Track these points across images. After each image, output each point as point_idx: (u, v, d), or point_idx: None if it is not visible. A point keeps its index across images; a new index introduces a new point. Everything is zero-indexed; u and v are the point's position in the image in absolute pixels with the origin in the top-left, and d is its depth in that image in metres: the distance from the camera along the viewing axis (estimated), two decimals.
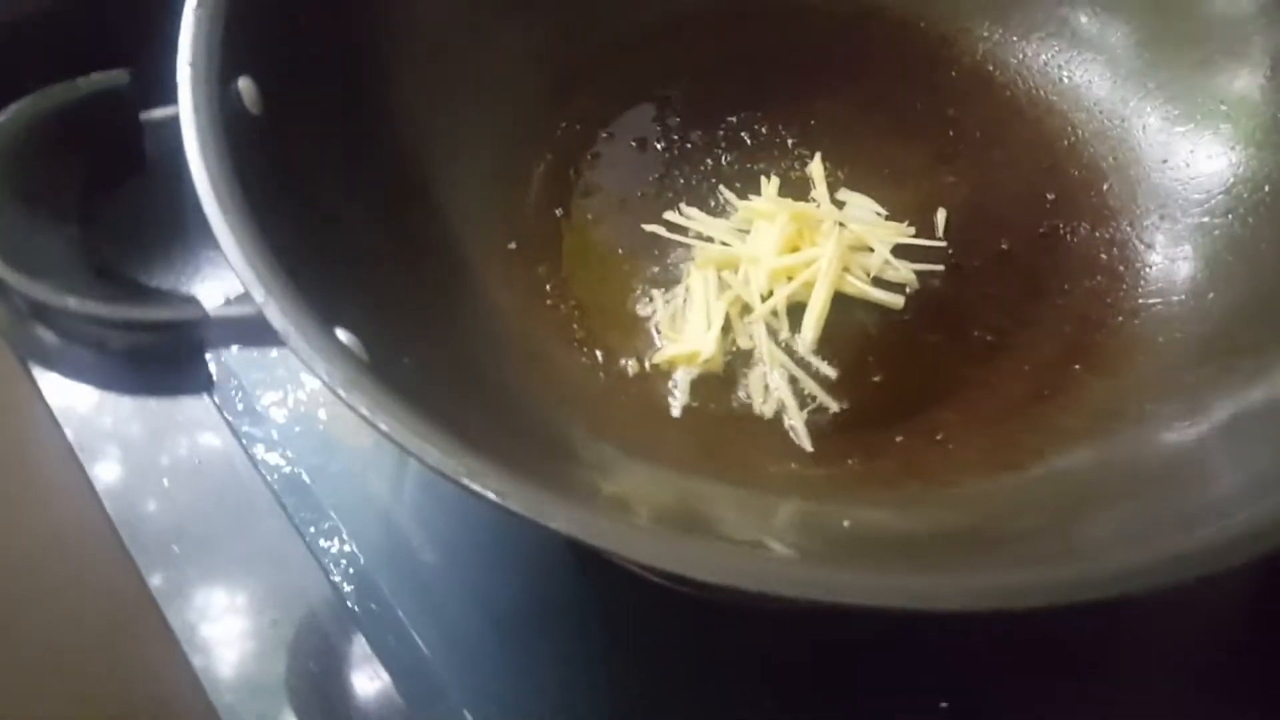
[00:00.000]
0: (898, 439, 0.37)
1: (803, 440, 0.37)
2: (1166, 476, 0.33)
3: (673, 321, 0.40)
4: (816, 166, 0.44)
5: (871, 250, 0.41)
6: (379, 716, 0.38)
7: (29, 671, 0.41)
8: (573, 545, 0.40)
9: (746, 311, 0.40)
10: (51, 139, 0.29)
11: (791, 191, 0.43)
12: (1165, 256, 0.40)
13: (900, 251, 0.41)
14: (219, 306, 0.27)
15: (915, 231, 0.42)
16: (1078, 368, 0.38)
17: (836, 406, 0.38)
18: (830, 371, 0.39)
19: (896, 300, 0.40)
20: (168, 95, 0.31)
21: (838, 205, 0.43)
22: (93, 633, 0.41)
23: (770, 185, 0.43)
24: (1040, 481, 0.34)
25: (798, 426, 0.37)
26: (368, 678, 0.38)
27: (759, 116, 0.46)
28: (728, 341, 0.39)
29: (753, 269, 0.40)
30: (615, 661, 0.39)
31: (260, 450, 0.42)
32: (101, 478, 0.42)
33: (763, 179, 0.43)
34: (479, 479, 0.24)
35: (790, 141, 0.45)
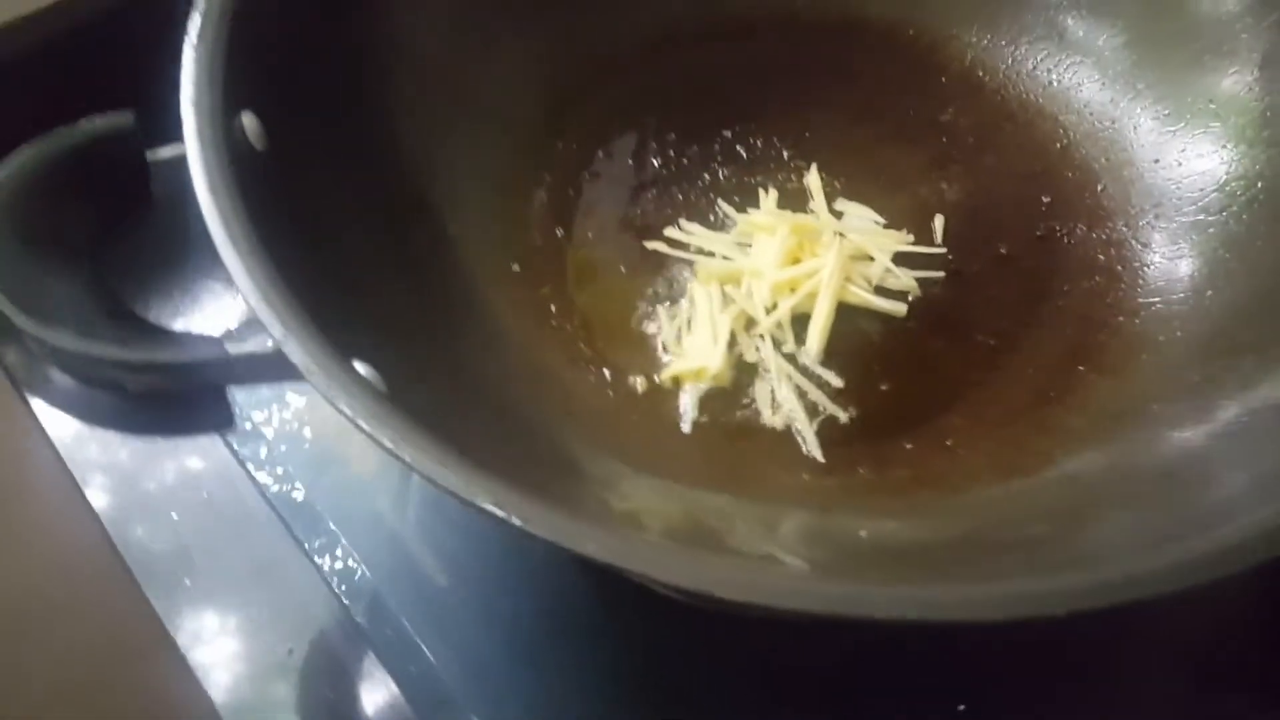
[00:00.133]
0: (907, 446, 0.37)
1: (813, 450, 0.37)
2: (1174, 478, 0.33)
3: (678, 337, 0.40)
4: (813, 177, 0.44)
5: (872, 259, 0.41)
6: None
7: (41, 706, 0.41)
8: (582, 559, 0.40)
9: (751, 325, 0.40)
10: (59, 183, 0.29)
11: (789, 203, 0.43)
12: (1163, 255, 0.41)
13: (900, 259, 0.41)
14: (238, 345, 0.27)
15: (914, 239, 0.42)
16: (1082, 369, 0.38)
17: (845, 416, 0.38)
18: (837, 381, 0.39)
19: (899, 308, 0.40)
20: (171, 134, 0.31)
21: (836, 215, 0.43)
22: (102, 662, 0.41)
23: (769, 198, 0.43)
24: (1050, 486, 0.35)
25: (808, 437, 0.37)
26: (382, 699, 0.38)
27: (753, 130, 0.46)
28: (734, 355, 0.39)
29: (756, 282, 0.40)
30: (627, 672, 0.39)
31: (263, 475, 0.42)
32: (106, 510, 0.41)
33: (760, 192, 0.43)
34: (505, 507, 0.24)
35: (786, 153, 0.45)
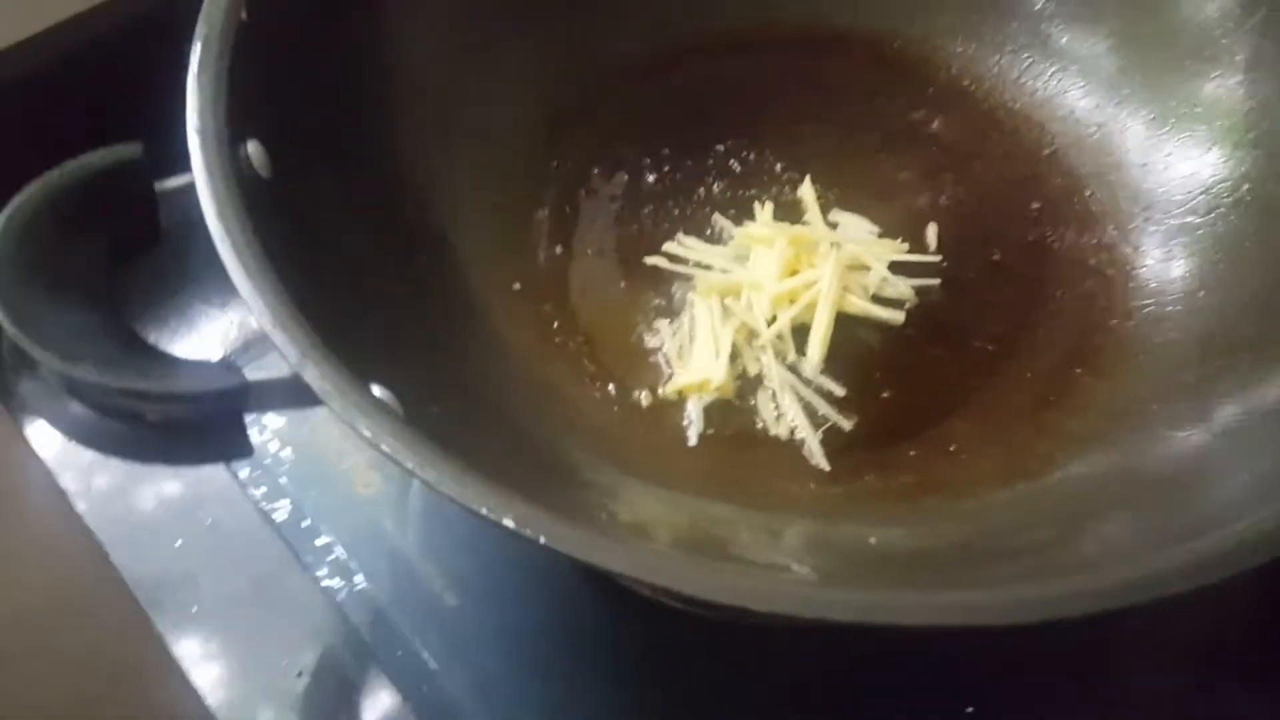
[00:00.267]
0: (911, 453, 0.38)
1: (819, 459, 0.38)
2: (1175, 480, 0.33)
3: (680, 351, 0.40)
4: (807, 189, 0.44)
5: (869, 268, 0.42)
6: None
7: None
8: (591, 574, 0.41)
9: (752, 337, 0.40)
10: (70, 216, 0.29)
11: (784, 215, 0.44)
12: (1153, 258, 0.41)
13: (896, 268, 0.42)
14: (256, 371, 0.27)
15: (909, 247, 0.43)
16: (1079, 372, 0.39)
17: (848, 424, 0.38)
18: (839, 390, 0.39)
19: (897, 316, 0.41)
20: (177, 165, 0.31)
21: (831, 226, 0.43)
22: (104, 683, 0.41)
23: (764, 210, 0.43)
24: (1054, 489, 0.35)
25: (813, 446, 0.38)
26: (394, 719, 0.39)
27: (746, 144, 0.46)
28: (736, 367, 0.40)
29: (755, 294, 0.41)
30: (634, 683, 0.39)
31: (264, 498, 0.42)
32: (110, 539, 0.41)
33: (756, 205, 0.44)
34: (528, 524, 0.25)
35: (779, 166, 0.46)
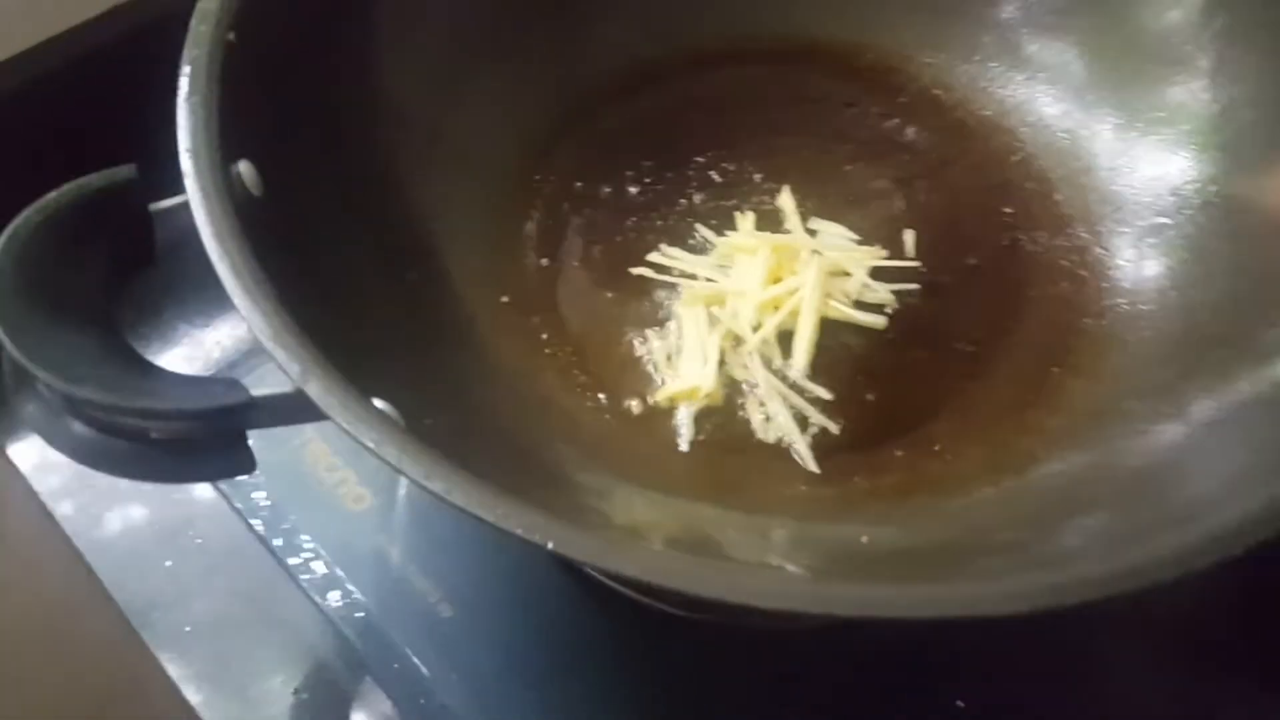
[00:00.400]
0: (898, 453, 0.38)
1: (808, 462, 0.38)
2: (1153, 475, 0.34)
3: (669, 359, 0.41)
4: (786, 199, 0.45)
5: (850, 275, 0.43)
6: None
7: None
8: (583, 580, 0.41)
9: (739, 343, 0.41)
10: (68, 237, 0.29)
11: (764, 224, 0.45)
12: (1125, 259, 0.43)
13: (876, 273, 0.43)
14: (260, 387, 0.28)
15: (888, 253, 0.44)
16: (1057, 370, 0.40)
17: (836, 427, 0.39)
18: (825, 394, 0.40)
19: (879, 321, 0.42)
20: (170, 187, 0.32)
21: (811, 234, 0.44)
22: (102, 711, 0.41)
23: (746, 220, 0.44)
24: (1036, 485, 0.36)
25: (802, 449, 0.39)
26: None
27: (725, 155, 0.47)
28: (724, 374, 0.40)
29: (740, 302, 0.41)
30: (629, 688, 0.40)
31: (254, 515, 0.42)
32: (99, 563, 0.41)
33: (737, 215, 0.45)
34: (535, 532, 0.25)
35: (758, 177, 0.46)
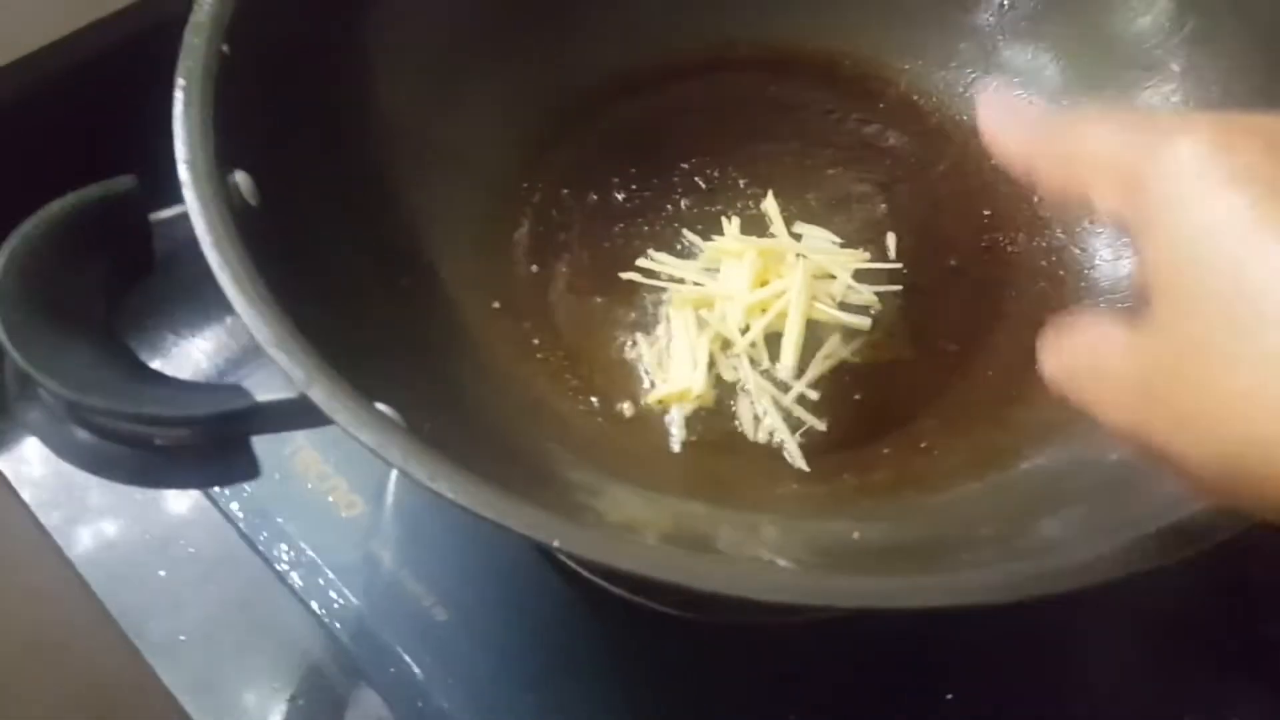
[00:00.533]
0: (885, 451, 0.39)
1: (798, 461, 0.39)
2: (1131, 468, 0.35)
3: (659, 362, 0.42)
4: (770, 204, 0.46)
5: (834, 277, 0.43)
6: None
7: None
8: (577, 581, 0.42)
9: (727, 346, 0.42)
10: (69, 248, 0.30)
11: (749, 229, 0.45)
12: (1101, 258, 0.44)
13: (860, 276, 0.43)
14: (265, 393, 0.28)
15: (870, 256, 0.44)
16: (1037, 368, 0.41)
17: (824, 426, 0.40)
18: (813, 394, 0.41)
19: (863, 322, 0.42)
20: (168, 198, 0.32)
21: (796, 238, 0.45)
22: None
23: (732, 225, 0.45)
24: (1021, 480, 0.37)
25: (792, 449, 0.39)
26: None
27: (709, 162, 0.48)
28: (714, 376, 0.41)
29: (728, 305, 0.42)
30: (625, 688, 0.41)
31: (246, 523, 0.42)
32: (95, 576, 0.42)
33: (723, 219, 0.45)
34: (539, 530, 0.26)
35: (742, 183, 0.47)
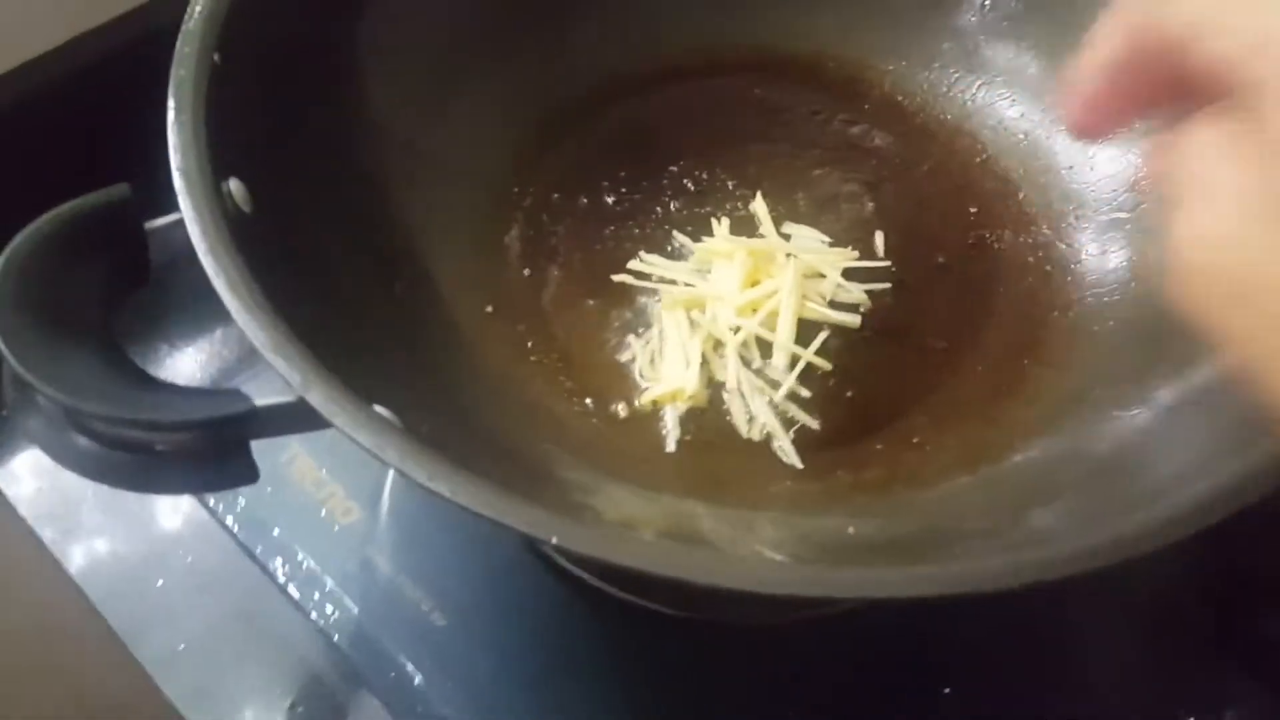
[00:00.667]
0: (878, 447, 0.40)
1: (792, 459, 0.39)
2: (1122, 458, 0.36)
3: (652, 363, 0.42)
4: (759, 204, 0.46)
5: (824, 276, 0.44)
6: None
7: None
8: (574, 583, 0.42)
9: (719, 346, 0.42)
10: (67, 256, 0.30)
11: (739, 229, 0.46)
12: (1088, 253, 0.44)
13: (849, 274, 0.44)
14: (264, 397, 0.28)
15: (859, 254, 0.45)
16: (1027, 362, 0.42)
17: (817, 424, 0.40)
18: (805, 392, 0.41)
19: (853, 320, 0.43)
20: (163, 204, 0.32)
21: (785, 238, 0.45)
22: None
23: (722, 226, 0.45)
24: (1012, 473, 0.37)
25: (785, 446, 0.40)
26: None
27: (698, 164, 0.48)
28: (706, 375, 0.41)
29: (719, 305, 0.42)
30: (625, 688, 0.41)
31: (242, 531, 0.43)
32: (93, 587, 0.42)
33: (712, 221, 0.46)
34: (539, 528, 0.26)
35: (731, 184, 0.48)
